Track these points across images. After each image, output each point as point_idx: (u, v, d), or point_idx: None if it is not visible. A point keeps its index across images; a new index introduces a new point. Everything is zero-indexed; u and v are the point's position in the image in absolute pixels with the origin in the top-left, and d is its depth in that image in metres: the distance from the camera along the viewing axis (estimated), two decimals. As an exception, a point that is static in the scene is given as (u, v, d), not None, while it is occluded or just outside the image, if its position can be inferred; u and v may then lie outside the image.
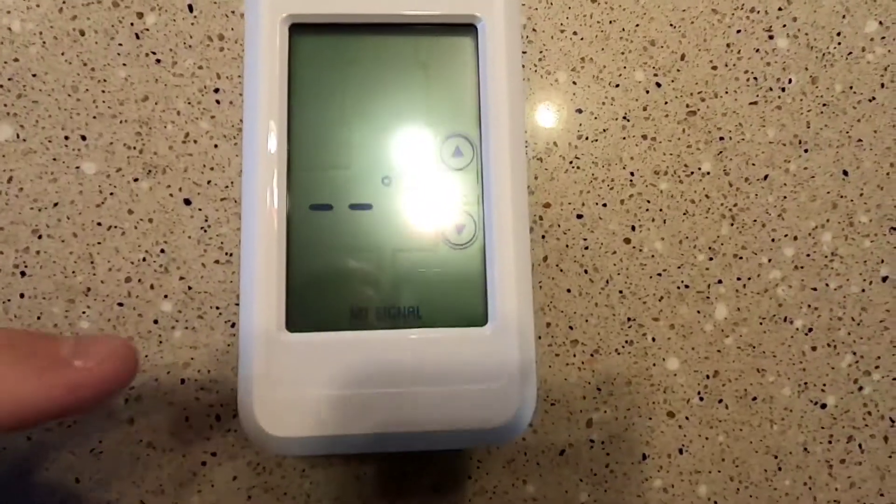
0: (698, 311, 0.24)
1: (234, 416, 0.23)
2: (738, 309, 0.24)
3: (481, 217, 0.20)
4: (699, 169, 0.25)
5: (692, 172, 0.25)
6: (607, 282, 0.24)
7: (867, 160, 0.25)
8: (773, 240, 0.25)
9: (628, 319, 0.24)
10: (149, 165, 0.23)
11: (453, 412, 0.19)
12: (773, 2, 0.25)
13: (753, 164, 0.25)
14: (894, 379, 0.24)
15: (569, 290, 0.24)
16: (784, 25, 0.25)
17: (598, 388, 0.24)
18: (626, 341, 0.24)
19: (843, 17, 0.26)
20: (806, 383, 0.24)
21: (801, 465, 0.24)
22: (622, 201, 0.24)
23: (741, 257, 0.24)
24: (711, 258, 0.24)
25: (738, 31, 0.25)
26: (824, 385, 0.24)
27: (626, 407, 0.24)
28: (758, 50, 0.25)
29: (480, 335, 0.19)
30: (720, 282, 0.24)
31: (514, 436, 0.19)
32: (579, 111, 0.25)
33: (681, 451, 0.24)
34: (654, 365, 0.24)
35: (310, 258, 0.19)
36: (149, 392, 0.22)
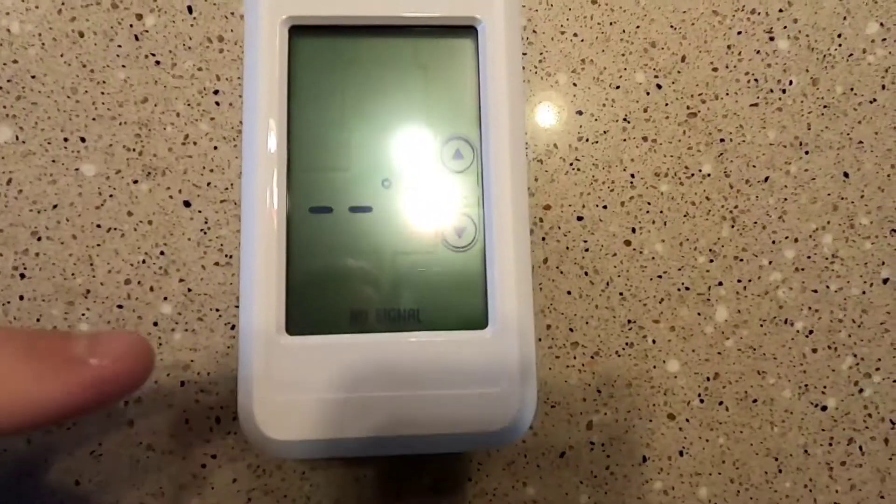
0: (699, 313, 0.24)
1: (234, 419, 0.23)
2: (739, 311, 0.24)
3: (481, 220, 0.20)
4: (700, 171, 0.25)
5: (693, 174, 0.25)
6: (608, 284, 0.24)
7: (868, 162, 0.25)
8: (773, 242, 0.25)
9: (629, 321, 0.24)
10: (148, 167, 0.23)
11: (453, 415, 0.19)
12: (773, 3, 0.25)
13: (754, 166, 0.25)
14: (895, 381, 0.24)
15: (569, 292, 0.24)
16: (785, 27, 0.25)
17: (599, 390, 0.24)
18: (627, 343, 0.24)
19: (844, 18, 0.26)
20: (806, 385, 0.24)
21: (802, 467, 0.24)
22: (622, 203, 0.24)
23: (742, 259, 0.24)
24: (712, 260, 0.24)
25: (739, 32, 0.25)
26: (825, 387, 0.24)
27: (627, 409, 0.24)
28: (758, 51, 0.25)
29: (480, 338, 0.19)
30: (721, 284, 0.24)
31: (514, 439, 0.19)
32: (580, 113, 0.25)
33: (681, 453, 0.24)
34: (654, 367, 0.24)
35: (310, 261, 0.19)
36: (148, 394, 0.22)
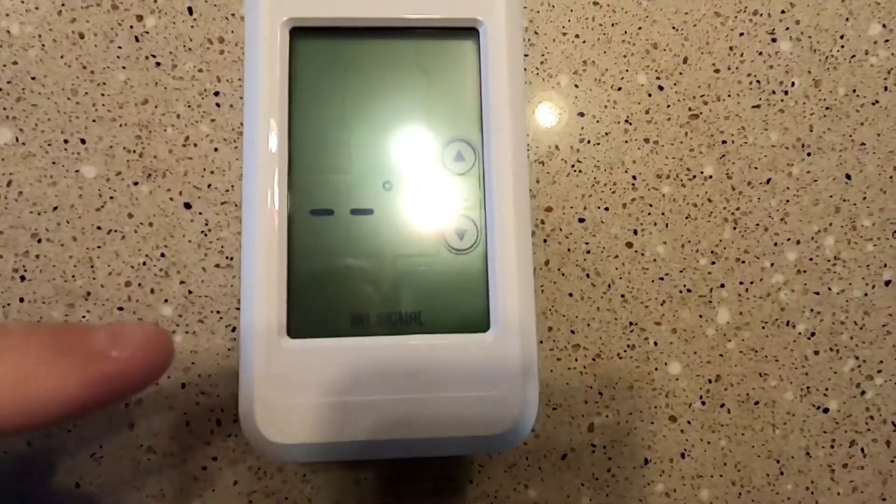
0: (700, 316, 0.24)
1: (235, 421, 0.22)
2: (741, 313, 0.24)
3: (483, 222, 0.20)
4: (701, 172, 0.25)
5: (694, 176, 0.25)
6: (609, 286, 0.24)
7: (870, 164, 0.25)
8: (775, 244, 0.25)
9: (630, 323, 0.24)
10: (149, 169, 0.23)
11: (455, 419, 0.18)
12: (776, 5, 0.25)
13: (756, 168, 0.25)
14: (897, 383, 0.24)
15: (570, 295, 0.24)
16: (787, 28, 0.25)
17: (600, 393, 0.24)
18: (628, 345, 0.24)
19: (847, 19, 0.25)
20: (808, 388, 0.24)
21: (804, 469, 0.24)
22: (624, 205, 0.24)
23: (743, 261, 0.24)
24: (714, 262, 0.24)
25: (741, 34, 0.25)
26: (827, 389, 0.24)
27: (628, 411, 0.24)
28: (760, 53, 0.25)
29: (482, 341, 0.19)
30: (722, 286, 0.24)
31: (515, 442, 0.19)
32: (581, 114, 0.25)
33: (683, 456, 0.24)
34: (655, 369, 0.24)
35: (311, 264, 0.19)
36: (149, 396, 0.22)
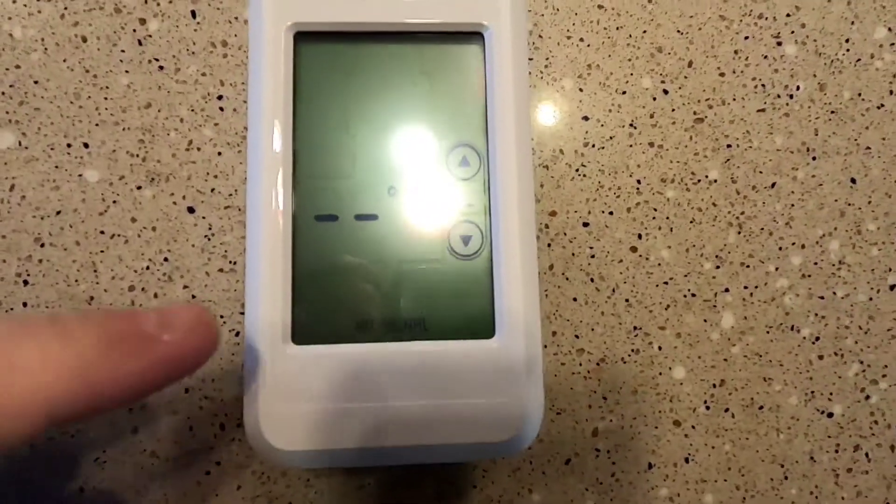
0: (705, 320, 0.24)
1: (239, 426, 0.22)
2: (745, 317, 0.24)
3: (488, 228, 0.20)
4: (706, 177, 0.24)
5: (699, 180, 0.24)
6: (613, 290, 0.24)
7: (875, 168, 0.25)
8: (780, 248, 0.24)
9: (634, 328, 0.24)
10: (152, 173, 0.23)
11: (460, 425, 0.18)
12: (781, 8, 0.25)
13: (761, 172, 0.25)
14: (901, 388, 0.24)
15: (575, 299, 0.24)
16: (792, 32, 0.25)
17: (604, 397, 0.23)
18: (633, 350, 0.24)
19: (852, 23, 0.25)
20: (813, 392, 0.24)
21: (808, 473, 0.24)
22: (629, 209, 0.24)
23: (748, 266, 0.24)
24: (718, 266, 0.24)
25: (746, 37, 0.25)
26: (831, 394, 0.24)
27: (633, 416, 0.23)
28: (766, 56, 0.25)
29: (487, 348, 0.19)
30: (727, 290, 0.24)
31: (520, 448, 0.19)
32: (586, 118, 0.24)
33: (687, 460, 0.24)
34: (660, 374, 0.24)
35: (315, 269, 0.19)
36: (153, 401, 0.22)
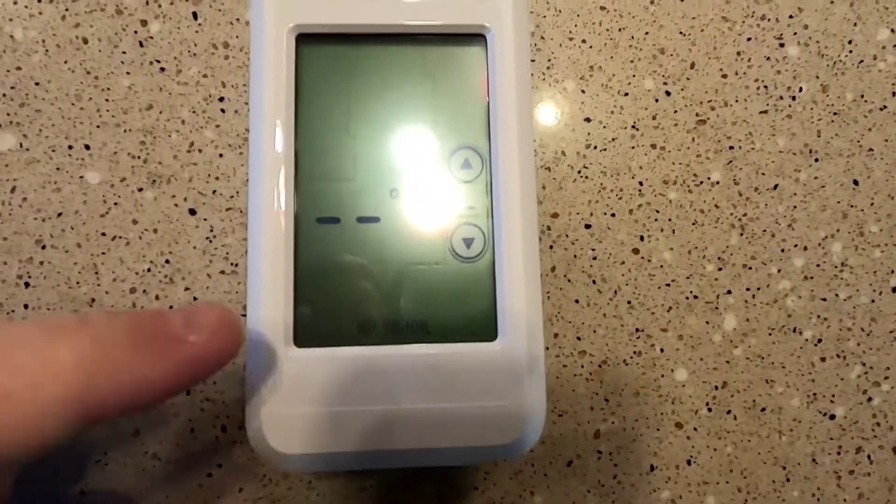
0: (707, 322, 0.24)
1: (241, 428, 0.22)
2: (747, 319, 0.24)
3: (490, 230, 0.20)
4: (708, 178, 0.24)
5: (701, 182, 0.24)
6: (615, 292, 0.24)
7: (878, 169, 0.25)
8: (782, 250, 0.24)
9: (636, 330, 0.24)
10: (153, 175, 0.23)
11: (462, 428, 0.18)
12: (784, 9, 0.25)
13: (763, 174, 0.25)
14: (904, 390, 0.24)
15: (577, 301, 0.24)
16: (795, 33, 0.25)
17: (606, 399, 0.23)
18: (635, 352, 0.24)
19: (855, 24, 0.25)
20: (815, 394, 0.24)
21: (810, 476, 0.24)
22: (631, 211, 0.24)
23: (750, 267, 0.24)
24: (720, 268, 0.24)
25: (749, 38, 0.25)
26: (833, 396, 0.24)
27: (634, 418, 0.23)
28: (768, 58, 0.25)
29: (490, 350, 0.19)
30: (729, 292, 0.24)
31: (522, 451, 0.19)
32: (588, 120, 0.24)
33: (689, 463, 0.24)
34: (662, 376, 0.24)
35: (317, 272, 0.19)
36: (154, 404, 0.22)
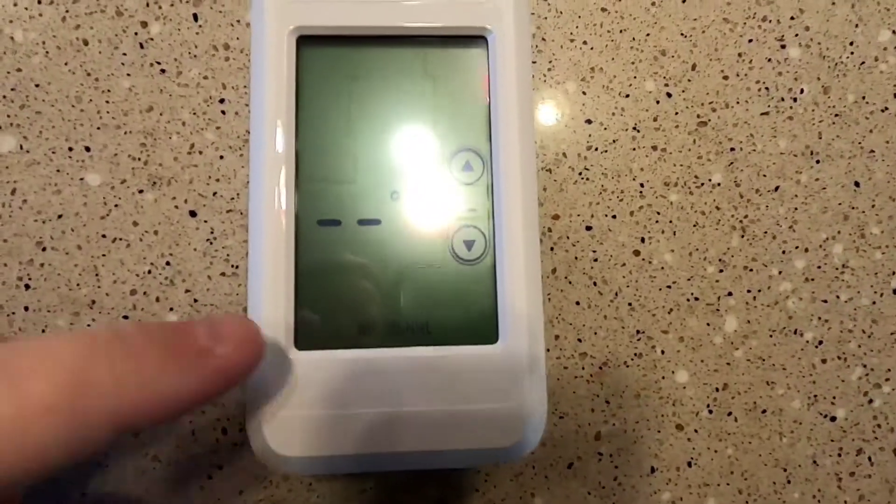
0: (708, 324, 0.24)
1: (241, 430, 0.22)
2: (748, 321, 0.24)
3: (491, 232, 0.20)
4: (709, 180, 0.24)
5: (702, 184, 0.24)
6: (616, 294, 0.24)
7: (879, 171, 0.25)
8: (783, 252, 0.24)
9: (637, 332, 0.24)
10: (154, 177, 0.23)
11: (463, 431, 0.18)
12: (785, 11, 0.25)
13: (764, 176, 0.25)
14: (905, 392, 0.24)
15: (577, 303, 0.24)
16: (796, 35, 0.25)
17: (607, 401, 0.23)
18: (635, 354, 0.24)
19: (857, 26, 0.25)
20: (816, 396, 0.24)
21: (811, 477, 0.24)
22: (632, 213, 0.24)
23: (751, 269, 0.24)
24: (721, 270, 0.24)
25: (750, 40, 0.25)
26: (834, 398, 0.24)
27: (635, 420, 0.23)
28: (770, 60, 0.25)
29: (491, 353, 0.19)
30: (730, 294, 0.24)
31: (523, 453, 0.19)
32: (589, 121, 0.24)
33: (690, 464, 0.24)
34: (663, 378, 0.24)
35: (318, 275, 0.19)
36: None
